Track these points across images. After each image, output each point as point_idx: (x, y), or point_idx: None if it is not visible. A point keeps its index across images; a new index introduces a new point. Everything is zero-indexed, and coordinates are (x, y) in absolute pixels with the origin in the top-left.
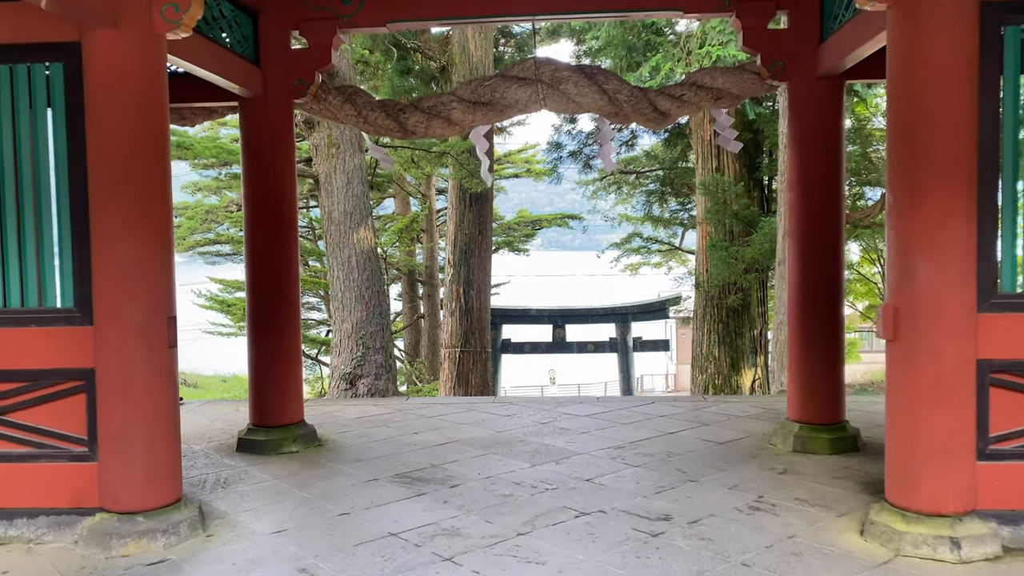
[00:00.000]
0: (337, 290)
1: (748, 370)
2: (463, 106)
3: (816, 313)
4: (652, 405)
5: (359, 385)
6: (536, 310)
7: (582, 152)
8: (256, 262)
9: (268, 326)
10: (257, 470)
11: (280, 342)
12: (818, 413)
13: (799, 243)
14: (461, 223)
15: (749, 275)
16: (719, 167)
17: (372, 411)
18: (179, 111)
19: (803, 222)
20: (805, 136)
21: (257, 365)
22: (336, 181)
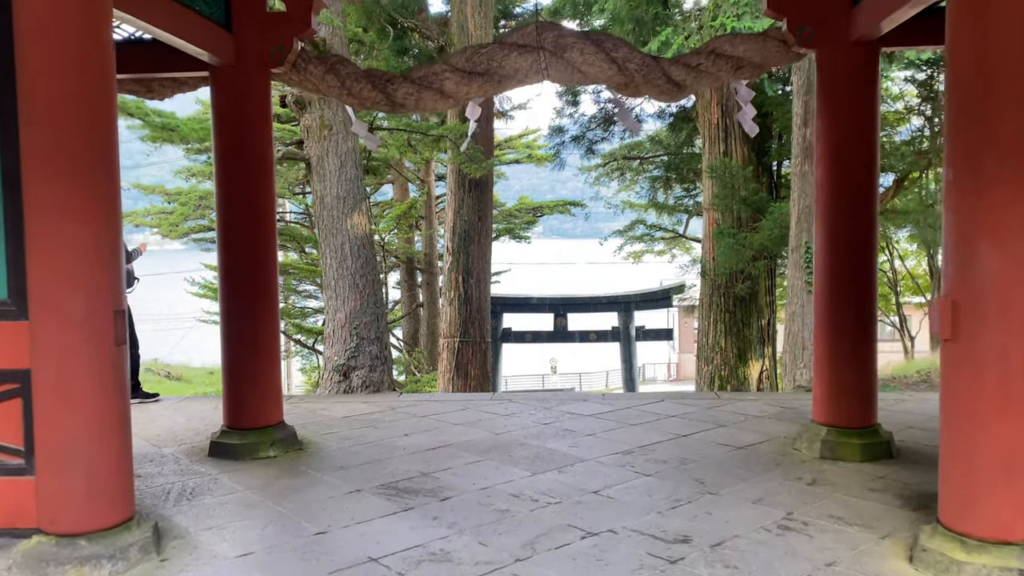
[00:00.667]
0: (330, 278)
1: (755, 361)
2: (457, 76)
3: (846, 305)
4: (662, 403)
5: (353, 377)
6: (537, 298)
7: (585, 136)
8: (229, 249)
9: (243, 319)
10: (228, 478)
11: (256, 337)
12: (848, 415)
13: (828, 227)
14: (460, 209)
15: (758, 263)
16: (727, 151)
17: (361, 409)
18: (146, 83)
19: (833, 204)
20: (836, 109)
21: (231, 362)
22: (328, 164)
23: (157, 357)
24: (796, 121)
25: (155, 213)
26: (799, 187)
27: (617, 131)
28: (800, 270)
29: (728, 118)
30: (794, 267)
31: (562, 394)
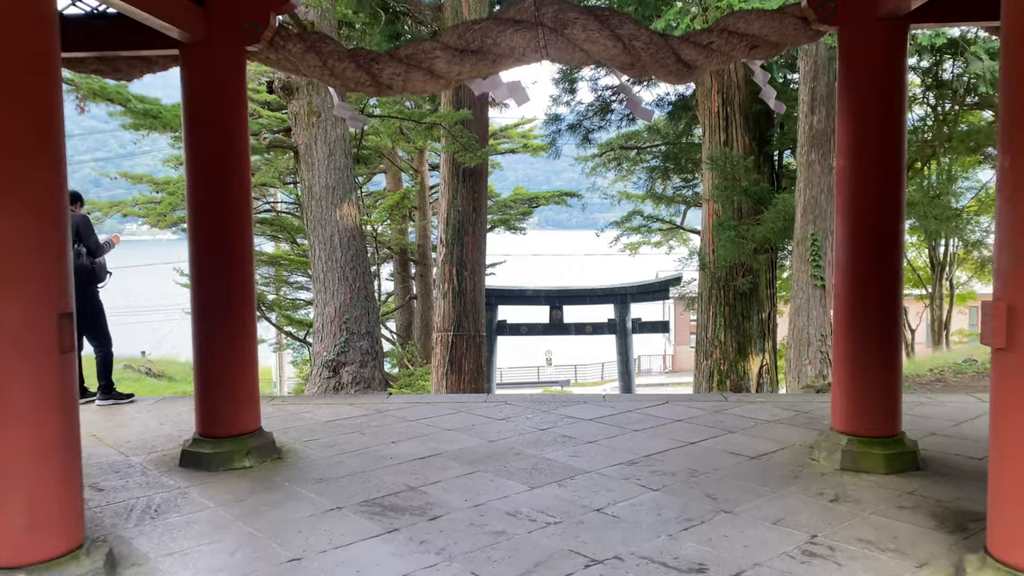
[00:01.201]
0: (319, 271)
1: (755, 356)
2: (448, 55)
3: (869, 304)
4: (665, 406)
5: (343, 373)
6: (533, 290)
7: (581, 125)
8: (201, 241)
9: (216, 318)
10: (198, 492)
11: (231, 337)
12: (871, 424)
13: (850, 221)
14: (454, 200)
15: (760, 256)
16: (727, 140)
17: (347, 412)
18: (110, 61)
19: (856, 196)
20: (860, 92)
21: (203, 365)
22: (317, 152)
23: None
24: (802, 108)
25: (143, 203)
26: (805, 177)
27: (614, 120)
28: (806, 263)
29: (729, 106)
30: (799, 260)
31: (560, 396)
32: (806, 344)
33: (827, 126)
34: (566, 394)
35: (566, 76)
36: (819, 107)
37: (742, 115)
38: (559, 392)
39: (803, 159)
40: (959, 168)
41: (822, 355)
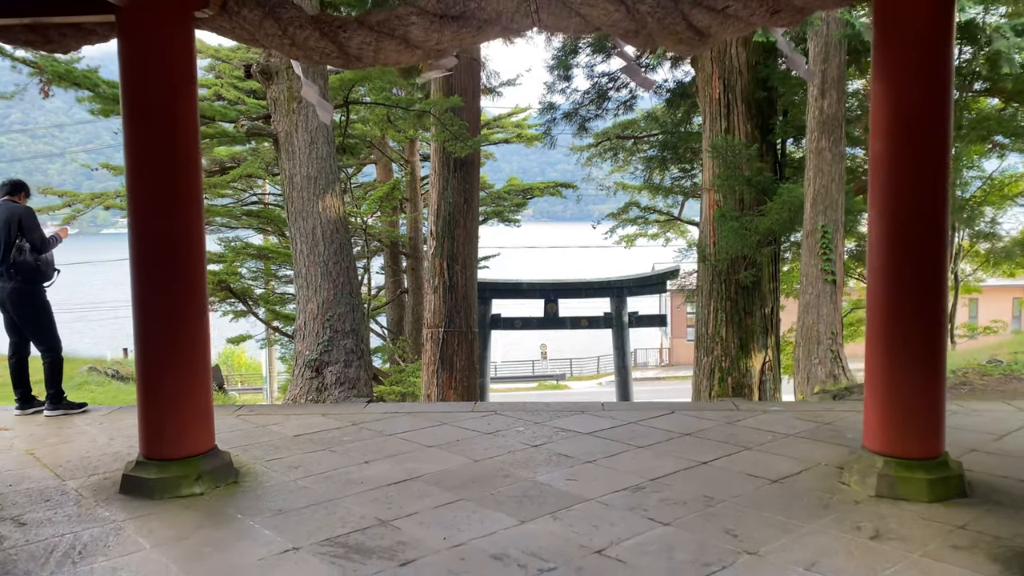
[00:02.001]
0: (300, 266)
1: (758, 352)
2: (425, 21)
3: (909, 309)
4: (671, 416)
5: (326, 373)
6: (527, 284)
7: (577, 113)
8: (143, 238)
9: (161, 324)
10: (135, 528)
11: (179, 345)
12: (910, 444)
13: (888, 214)
14: (445, 191)
15: (765, 248)
16: (728, 128)
17: (318, 425)
18: (43, 30)
19: (894, 185)
20: (900, 66)
21: (147, 377)
22: (298, 141)
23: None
24: (812, 92)
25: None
26: (815, 165)
27: (611, 108)
28: (816, 257)
29: (730, 93)
30: (809, 253)
31: (554, 405)
32: (816, 342)
33: (838, 111)
34: (561, 403)
35: (561, 62)
36: (830, 91)
37: (744, 102)
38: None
39: (812, 146)
40: (966, 158)
41: (832, 354)
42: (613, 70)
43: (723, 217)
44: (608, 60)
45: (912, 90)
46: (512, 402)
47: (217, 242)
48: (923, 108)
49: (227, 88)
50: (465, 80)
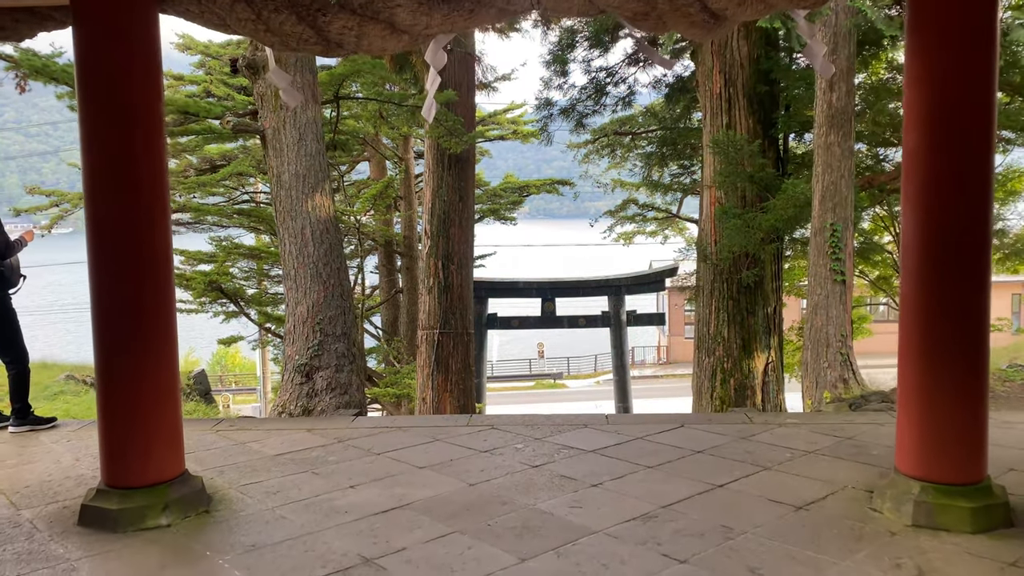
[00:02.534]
0: (289, 267)
1: (761, 353)
2: (413, 3)
3: (949, 318)
4: (680, 431)
5: (317, 379)
6: (524, 282)
7: (574, 109)
8: (101, 242)
9: (124, 331)
10: (90, 569)
11: (143, 359)
12: (950, 468)
13: (923, 212)
14: (439, 188)
15: (768, 246)
16: (730, 123)
17: (302, 442)
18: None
19: (932, 182)
20: (938, 49)
21: (108, 396)
22: (286, 138)
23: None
24: (820, 84)
25: None
26: (823, 160)
27: (609, 104)
28: (824, 256)
29: (732, 87)
30: (817, 252)
31: (556, 418)
32: (825, 345)
33: (847, 104)
34: (562, 415)
35: (557, 57)
36: (839, 83)
37: (746, 96)
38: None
39: (821, 141)
40: None
41: (842, 357)
42: (611, 64)
43: (725, 214)
44: (606, 55)
45: (953, 74)
46: (510, 415)
47: (208, 241)
48: (965, 94)
49: (216, 84)
50: (459, 75)
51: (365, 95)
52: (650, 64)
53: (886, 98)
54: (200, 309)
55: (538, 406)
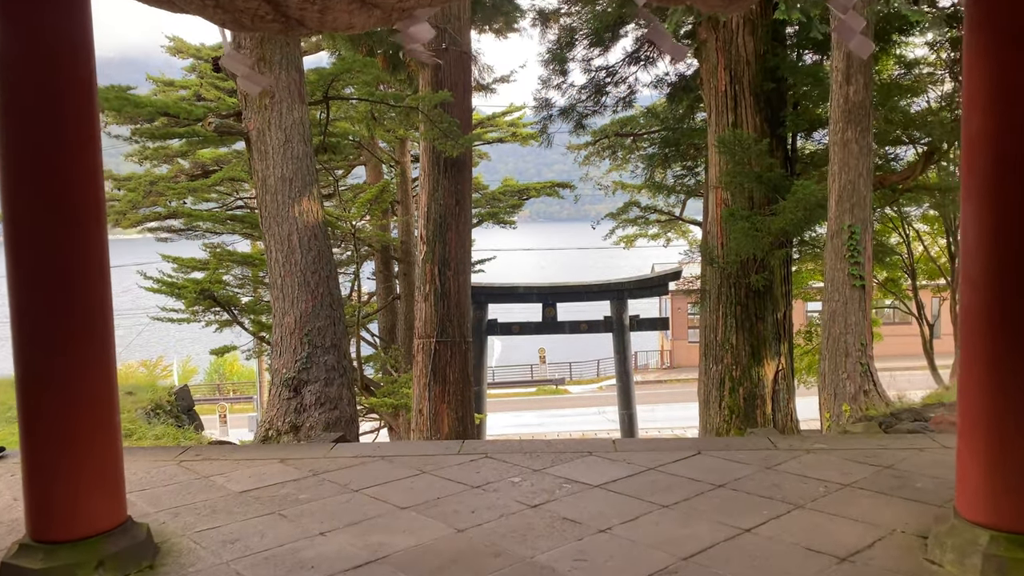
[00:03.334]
0: (276, 276)
1: (771, 360)
2: None
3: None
4: (697, 459)
5: (305, 393)
6: (524, 287)
7: (574, 110)
8: (24, 255)
9: (47, 357)
10: None
11: (71, 386)
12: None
13: (989, 209)
14: (435, 192)
15: (779, 250)
16: (736, 122)
17: (273, 476)
18: None
19: (1000, 173)
20: (1009, 17)
21: (29, 431)
22: (271, 139)
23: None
24: (836, 77)
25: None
26: (840, 158)
27: (609, 104)
28: (842, 260)
29: (738, 84)
30: (834, 256)
31: (556, 444)
32: (843, 355)
33: (865, 98)
34: (565, 441)
35: (556, 56)
36: (856, 76)
37: (752, 94)
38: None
39: (837, 138)
40: None
41: (862, 367)
42: (611, 64)
43: (732, 216)
44: (606, 54)
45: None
46: (506, 441)
47: (202, 248)
48: None
49: (207, 88)
50: (456, 75)
51: (357, 96)
52: (652, 63)
53: (898, 94)
54: (192, 318)
55: (540, 413)
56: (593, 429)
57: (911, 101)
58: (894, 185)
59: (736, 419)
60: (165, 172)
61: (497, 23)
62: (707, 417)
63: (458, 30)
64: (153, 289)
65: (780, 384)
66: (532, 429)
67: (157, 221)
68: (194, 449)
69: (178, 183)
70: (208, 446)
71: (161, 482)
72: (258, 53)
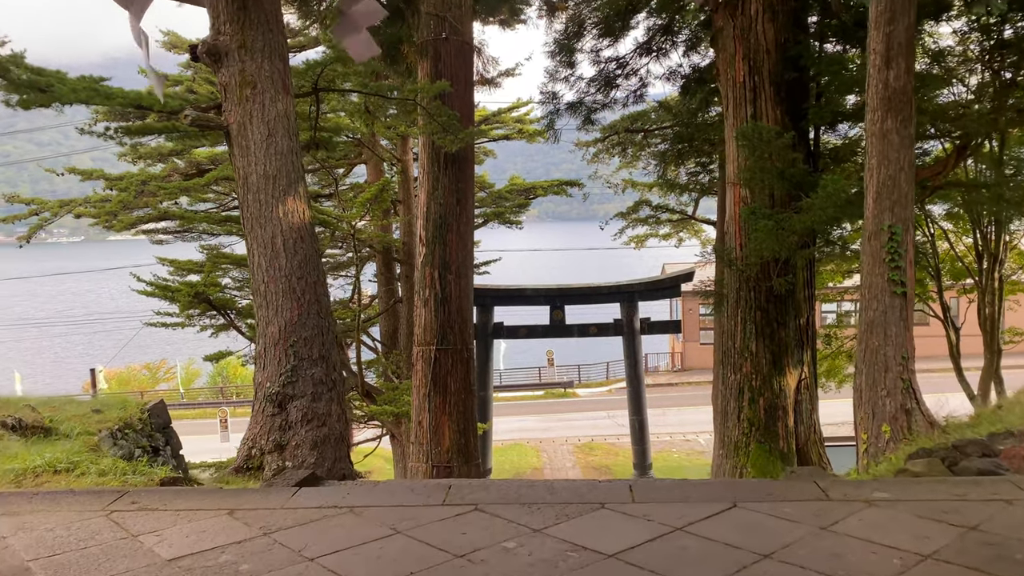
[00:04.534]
0: (259, 282)
1: (793, 369)
2: None
3: None
4: (733, 514)
5: (290, 409)
6: (531, 289)
7: (582, 103)
8: None
9: None
10: None
11: None
12: None
13: None
14: (435, 191)
15: (804, 251)
16: (755, 114)
17: (215, 535)
18: None
19: None
20: None
21: None
22: (253, 133)
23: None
24: (874, 61)
25: (96, 201)
26: (879, 150)
27: (619, 97)
28: (882, 264)
29: (757, 75)
30: (872, 259)
31: (561, 490)
32: (883, 369)
33: (907, 83)
34: (571, 487)
35: (564, 47)
36: (897, 59)
37: (772, 85)
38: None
39: (875, 128)
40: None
41: (904, 383)
42: (622, 55)
43: (753, 215)
44: (616, 44)
45: None
46: (502, 483)
47: (199, 250)
48: None
49: (200, 83)
50: (456, 66)
51: (354, 86)
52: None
53: (932, 84)
54: (187, 323)
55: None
56: (602, 434)
57: (940, 92)
58: (924, 181)
59: (756, 432)
60: (159, 171)
61: (501, 12)
62: (724, 430)
63: (459, 18)
64: (146, 292)
65: (803, 395)
66: (539, 434)
67: (153, 223)
68: (132, 494)
69: (170, 183)
70: (151, 490)
71: (77, 544)
72: (239, 39)
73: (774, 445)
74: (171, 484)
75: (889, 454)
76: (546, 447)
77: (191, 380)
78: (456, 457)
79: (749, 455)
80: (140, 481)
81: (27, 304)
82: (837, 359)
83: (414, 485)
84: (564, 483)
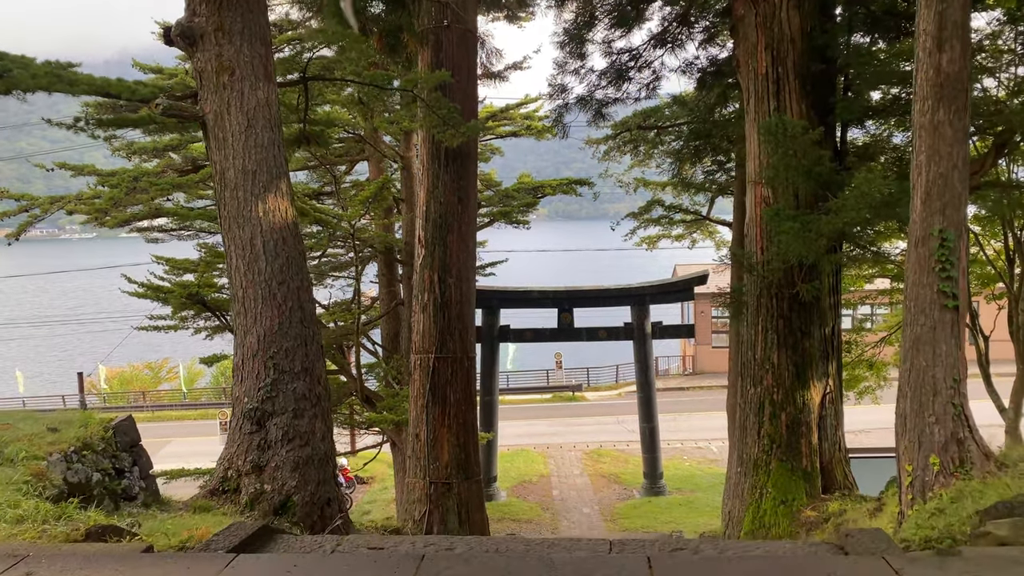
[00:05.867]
0: (237, 287)
1: (817, 382)
2: None
3: None
4: None
5: (270, 427)
6: (539, 291)
7: (592, 98)
8: None
9: None
10: None
11: None
12: None
13: None
14: (435, 189)
15: (833, 255)
16: (778, 108)
17: None
18: None
19: None
20: None
21: None
22: (230, 124)
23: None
24: (923, 44)
25: (88, 198)
26: (929, 145)
27: (632, 91)
28: (931, 273)
29: (780, 66)
30: (919, 268)
31: (565, 566)
32: (931, 392)
33: (962, 69)
34: (575, 561)
35: (574, 37)
36: (951, 40)
37: (797, 77)
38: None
39: (924, 119)
40: None
41: (956, 409)
42: (635, 46)
43: (777, 216)
44: (628, 35)
45: None
46: (490, 548)
47: (196, 249)
48: None
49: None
50: (458, 55)
51: (344, 74)
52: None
53: (978, 72)
54: (180, 325)
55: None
56: (611, 440)
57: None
58: None
59: (777, 450)
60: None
61: (508, 1)
62: (743, 446)
63: (461, 5)
64: (137, 294)
65: (827, 410)
66: (546, 439)
67: (147, 220)
68: (30, 561)
69: (163, 179)
70: (56, 555)
71: None
72: (215, 21)
73: (797, 464)
74: (98, 537)
75: (939, 489)
76: (553, 453)
77: (194, 380)
78: (456, 473)
79: (770, 474)
80: (60, 532)
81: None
82: (857, 368)
83: (379, 555)
84: (566, 550)
